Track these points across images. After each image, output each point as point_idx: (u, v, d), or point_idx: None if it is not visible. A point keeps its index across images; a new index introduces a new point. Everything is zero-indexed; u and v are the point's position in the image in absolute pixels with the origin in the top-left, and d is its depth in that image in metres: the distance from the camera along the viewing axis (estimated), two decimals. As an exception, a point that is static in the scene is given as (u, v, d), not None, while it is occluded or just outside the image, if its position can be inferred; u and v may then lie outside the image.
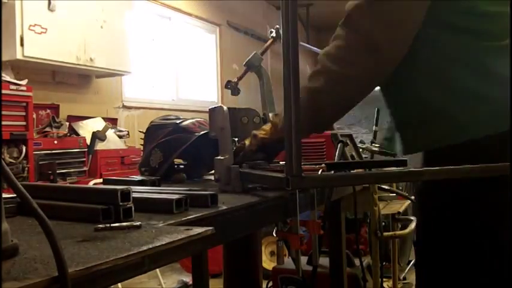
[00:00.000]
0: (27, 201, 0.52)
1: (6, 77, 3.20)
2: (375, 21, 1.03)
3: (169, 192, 1.03)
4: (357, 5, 1.05)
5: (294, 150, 0.84)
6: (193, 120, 1.65)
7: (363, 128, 5.10)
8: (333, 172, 1.43)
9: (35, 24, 3.49)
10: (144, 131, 1.73)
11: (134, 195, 0.86)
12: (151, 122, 1.72)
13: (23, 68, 3.69)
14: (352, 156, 1.74)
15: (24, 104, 3.23)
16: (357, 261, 2.26)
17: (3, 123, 2.97)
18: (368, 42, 1.04)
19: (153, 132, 1.66)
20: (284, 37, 0.86)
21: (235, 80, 1.82)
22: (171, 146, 1.57)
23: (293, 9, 0.84)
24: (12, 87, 3.13)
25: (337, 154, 1.55)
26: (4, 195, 0.72)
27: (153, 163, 1.59)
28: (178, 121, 1.63)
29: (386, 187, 2.71)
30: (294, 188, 0.86)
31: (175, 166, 1.64)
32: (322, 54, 1.13)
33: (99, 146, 4.12)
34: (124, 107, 5.08)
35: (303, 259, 1.72)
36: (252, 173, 1.20)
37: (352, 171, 1.57)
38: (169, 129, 1.60)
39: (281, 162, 1.42)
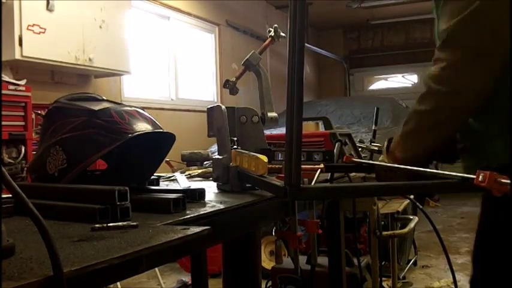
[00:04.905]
0: (23, 201, 0.52)
1: (5, 77, 3.19)
2: (481, 29, 1.03)
3: (166, 192, 1.03)
4: (459, 21, 1.04)
5: (293, 161, 0.82)
6: (126, 108, 1.14)
7: (362, 127, 5.10)
8: (331, 174, 1.43)
9: (34, 24, 3.48)
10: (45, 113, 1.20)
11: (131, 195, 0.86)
12: (56, 101, 1.19)
13: (21, 68, 3.68)
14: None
15: (23, 104, 3.22)
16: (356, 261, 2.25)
17: (2, 123, 2.97)
18: (478, 50, 1.04)
19: (56, 119, 1.14)
20: (290, 40, 0.84)
21: (234, 79, 1.81)
22: (81, 147, 1.07)
23: (301, 11, 0.83)
24: (10, 87, 3.12)
25: (335, 154, 1.55)
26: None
27: (51, 168, 1.07)
28: (96, 107, 1.10)
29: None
30: (292, 199, 0.85)
31: (88, 173, 1.23)
32: (427, 77, 1.13)
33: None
34: (123, 106, 5.06)
35: (302, 258, 1.72)
36: (251, 177, 1.19)
37: (351, 173, 1.57)
38: (81, 119, 1.09)
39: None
